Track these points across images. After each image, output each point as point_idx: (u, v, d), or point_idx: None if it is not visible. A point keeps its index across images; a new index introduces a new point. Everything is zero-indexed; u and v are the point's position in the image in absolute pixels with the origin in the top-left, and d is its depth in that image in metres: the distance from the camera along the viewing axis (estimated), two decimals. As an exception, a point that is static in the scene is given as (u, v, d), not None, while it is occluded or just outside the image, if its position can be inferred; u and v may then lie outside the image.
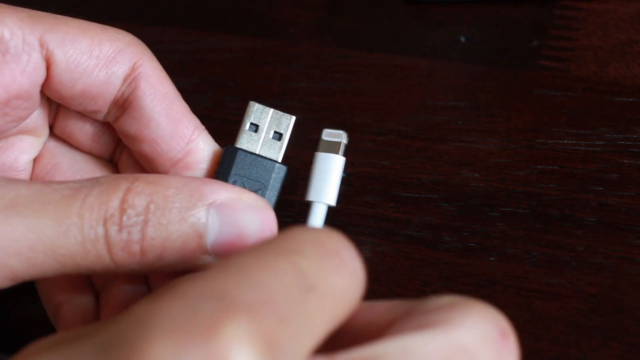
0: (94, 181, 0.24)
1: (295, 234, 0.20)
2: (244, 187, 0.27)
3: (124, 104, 0.28)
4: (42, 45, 0.27)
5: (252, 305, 0.18)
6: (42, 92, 0.28)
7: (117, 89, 0.28)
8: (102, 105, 0.29)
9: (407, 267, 0.32)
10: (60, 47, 0.27)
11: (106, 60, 0.28)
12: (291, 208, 0.33)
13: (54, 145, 0.31)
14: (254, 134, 0.29)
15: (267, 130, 0.29)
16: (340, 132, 0.28)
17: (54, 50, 0.27)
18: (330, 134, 0.28)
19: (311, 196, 0.28)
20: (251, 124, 0.29)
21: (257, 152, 0.28)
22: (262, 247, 0.20)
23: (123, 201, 0.23)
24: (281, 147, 0.29)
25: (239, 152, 0.28)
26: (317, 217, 0.27)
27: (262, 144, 0.29)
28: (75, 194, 0.23)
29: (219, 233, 0.24)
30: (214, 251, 0.24)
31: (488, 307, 0.21)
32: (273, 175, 0.28)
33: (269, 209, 0.25)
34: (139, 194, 0.24)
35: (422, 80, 0.37)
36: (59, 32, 0.27)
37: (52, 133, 0.31)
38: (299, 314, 0.18)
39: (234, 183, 0.28)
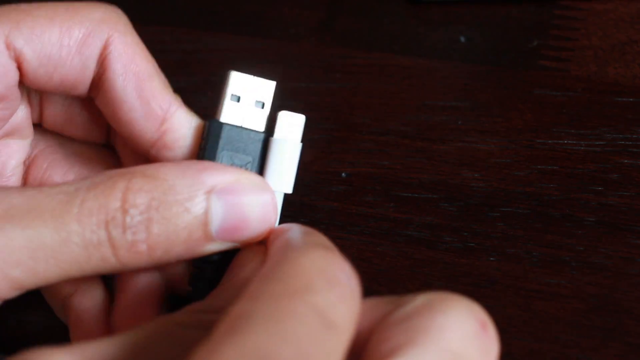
0: (89, 182, 0.24)
1: (298, 265, 0.20)
2: (233, 163, 0.27)
3: (98, 85, 0.28)
4: (8, 46, 0.26)
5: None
6: (21, 88, 0.28)
7: (93, 72, 0.27)
8: (83, 89, 0.28)
9: (407, 267, 0.32)
10: (28, 43, 0.26)
11: (77, 46, 0.27)
12: (292, 208, 0.33)
13: (45, 144, 0.30)
14: (236, 104, 0.27)
15: (249, 100, 0.27)
16: (300, 115, 0.26)
17: (22, 49, 0.26)
18: (287, 118, 0.26)
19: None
20: (232, 94, 0.27)
21: (241, 125, 0.27)
22: (274, 287, 0.20)
23: (124, 202, 0.23)
24: (264, 115, 0.28)
25: (224, 126, 0.27)
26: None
27: (245, 114, 0.27)
28: (72, 199, 0.23)
29: (223, 219, 0.24)
30: (220, 237, 0.24)
31: (465, 300, 0.21)
32: (261, 146, 0.27)
33: (268, 189, 0.25)
34: (139, 191, 0.23)
35: (422, 80, 0.37)
36: (24, 28, 0.26)
37: (43, 129, 0.31)
38: (326, 352, 0.19)
39: (223, 160, 0.27)
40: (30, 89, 0.29)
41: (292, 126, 0.26)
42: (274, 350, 0.18)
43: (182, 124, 0.28)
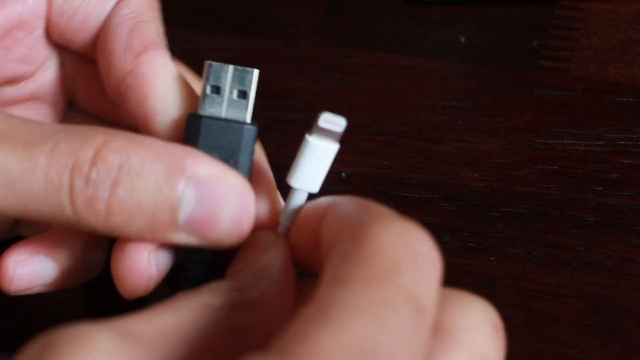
0: (75, 128, 0.23)
1: (380, 242, 0.20)
2: (214, 157, 0.25)
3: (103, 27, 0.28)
4: None
5: (394, 353, 0.18)
6: (48, 40, 0.28)
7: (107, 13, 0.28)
8: (94, 32, 0.28)
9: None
10: None
11: None
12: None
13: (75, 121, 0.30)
14: (216, 96, 0.26)
15: (230, 90, 0.26)
16: (341, 119, 0.24)
17: None
18: (329, 121, 0.24)
19: (296, 182, 0.25)
20: (212, 86, 0.26)
21: (222, 117, 0.26)
22: (360, 270, 0.19)
23: (96, 154, 0.22)
24: (247, 105, 0.26)
25: (203, 120, 0.25)
26: (298, 203, 0.25)
27: (226, 106, 0.26)
28: (49, 137, 0.22)
29: (194, 210, 0.23)
30: (185, 228, 0.23)
31: (482, 302, 0.21)
32: (243, 139, 0.26)
33: (249, 195, 0.24)
34: (115, 150, 0.22)
35: (422, 80, 0.37)
36: None
37: (76, 109, 0.31)
38: (422, 340, 0.19)
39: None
40: (61, 55, 0.30)
41: (331, 127, 0.24)
42: (377, 343, 0.18)
43: (156, 64, 0.26)
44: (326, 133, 0.24)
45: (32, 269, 0.26)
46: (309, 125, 0.36)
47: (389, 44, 0.38)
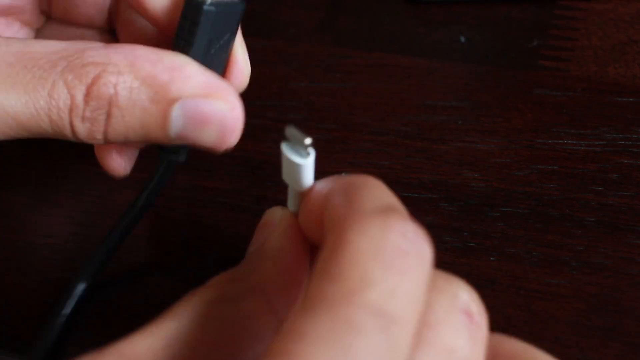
0: (66, 58, 0.24)
1: (351, 251, 0.20)
2: (211, 46, 0.26)
3: None
4: None
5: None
6: None
7: None
8: None
9: (407, 267, 0.32)
10: None
11: None
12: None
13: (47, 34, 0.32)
14: None
15: None
16: (304, 137, 0.23)
17: None
18: (293, 135, 0.23)
19: (286, 180, 0.25)
20: None
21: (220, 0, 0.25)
22: (328, 289, 0.19)
23: (87, 94, 0.24)
24: None
25: (204, 9, 0.24)
26: (295, 193, 0.25)
27: None
28: (48, 75, 0.24)
29: (182, 128, 0.25)
30: (176, 140, 0.25)
31: (453, 287, 0.22)
32: (235, 23, 0.26)
33: (237, 108, 0.25)
34: (105, 84, 0.24)
35: (422, 80, 0.37)
36: None
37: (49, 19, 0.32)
38: (392, 353, 0.19)
39: (200, 46, 0.25)
40: None
41: (296, 142, 0.23)
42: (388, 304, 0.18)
43: None
44: (297, 145, 0.24)
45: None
46: (309, 125, 0.36)
47: (389, 44, 0.38)
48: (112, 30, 0.32)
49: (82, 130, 0.25)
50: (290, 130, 0.23)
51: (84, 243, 0.33)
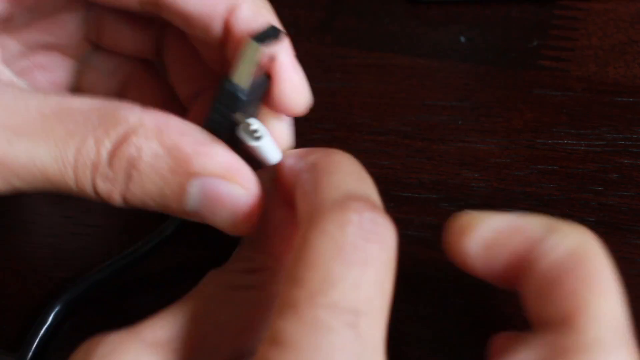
0: (104, 116, 0.24)
1: (316, 251, 0.21)
2: (240, 122, 0.26)
3: None
4: None
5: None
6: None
7: None
8: None
9: (407, 267, 0.32)
10: None
11: None
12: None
13: (95, 63, 0.32)
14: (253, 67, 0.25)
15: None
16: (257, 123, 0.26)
17: None
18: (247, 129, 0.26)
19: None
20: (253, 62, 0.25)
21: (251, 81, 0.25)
22: (297, 294, 0.20)
23: (112, 154, 0.24)
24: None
25: (238, 92, 0.25)
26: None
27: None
28: (80, 130, 0.24)
29: (199, 205, 0.25)
30: (195, 216, 0.25)
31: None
32: (264, 92, 0.27)
33: (254, 197, 0.25)
34: (130, 145, 0.24)
35: (422, 80, 0.37)
36: None
37: (102, 49, 0.32)
38: (365, 344, 0.20)
39: (229, 123, 0.26)
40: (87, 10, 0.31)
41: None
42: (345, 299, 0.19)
43: (250, 16, 0.27)
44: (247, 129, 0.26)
45: None
46: (308, 125, 0.36)
47: (389, 44, 0.38)
48: (160, 62, 0.32)
49: (104, 188, 0.25)
50: (239, 116, 0.25)
51: (84, 243, 0.33)
